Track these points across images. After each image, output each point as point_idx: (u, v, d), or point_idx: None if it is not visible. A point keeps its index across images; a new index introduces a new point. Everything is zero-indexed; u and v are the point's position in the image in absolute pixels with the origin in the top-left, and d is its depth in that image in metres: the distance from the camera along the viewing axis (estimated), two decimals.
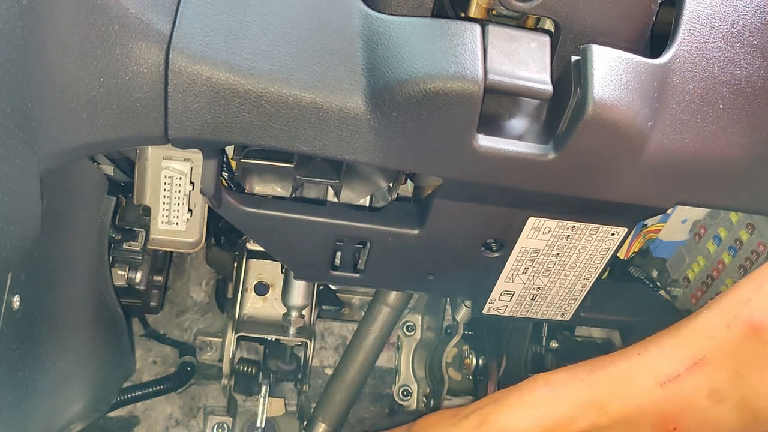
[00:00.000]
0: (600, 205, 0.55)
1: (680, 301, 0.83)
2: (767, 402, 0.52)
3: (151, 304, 0.86)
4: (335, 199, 0.65)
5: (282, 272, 0.84)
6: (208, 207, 0.64)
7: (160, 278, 0.85)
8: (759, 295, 0.54)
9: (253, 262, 0.86)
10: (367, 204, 0.66)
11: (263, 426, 0.88)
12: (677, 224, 0.78)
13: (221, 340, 0.95)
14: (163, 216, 0.63)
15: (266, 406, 0.88)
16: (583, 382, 0.58)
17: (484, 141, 0.48)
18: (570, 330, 0.91)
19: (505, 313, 0.69)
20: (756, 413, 0.53)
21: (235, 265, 0.88)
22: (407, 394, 0.99)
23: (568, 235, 0.60)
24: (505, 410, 0.59)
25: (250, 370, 0.90)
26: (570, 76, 0.47)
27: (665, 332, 0.57)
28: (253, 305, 0.86)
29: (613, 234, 0.60)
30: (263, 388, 0.88)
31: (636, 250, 0.78)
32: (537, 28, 0.51)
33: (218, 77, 0.45)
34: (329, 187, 0.65)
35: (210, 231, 0.69)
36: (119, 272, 0.75)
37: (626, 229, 0.60)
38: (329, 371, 1.05)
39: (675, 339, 0.56)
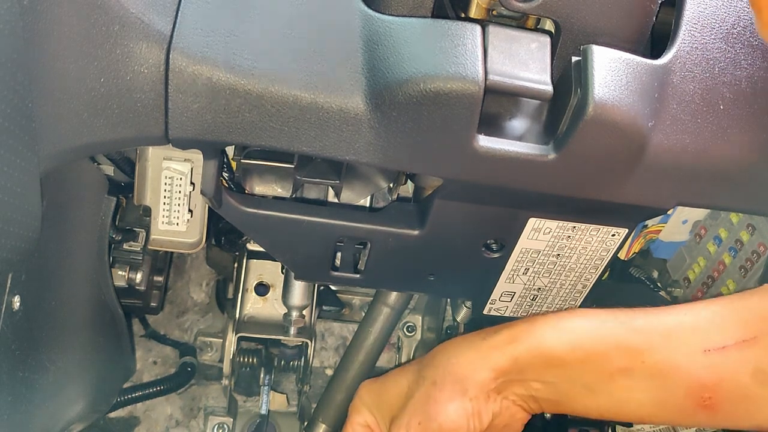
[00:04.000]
0: (600, 205, 0.55)
1: (681, 302, 0.83)
2: None
3: (152, 304, 0.86)
4: (335, 200, 0.65)
5: (282, 272, 0.84)
6: (209, 207, 0.64)
7: (160, 279, 0.85)
8: None
9: (254, 262, 0.86)
10: (368, 204, 0.66)
11: (266, 413, 0.87)
12: (678, 225, 0.78)
13: (222, 340, 0.95)
14: (163, 216, 0.63)
15: (269, 396, 0.88)
16: (623, 325, 0.56)
17: (485, 141, 0.48)
18: None
19: (506, 314, 0.69)
20: None
21: (236, 265, 0.88)
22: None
23: (569, 236, 0.60)
24: (539, 330, 0.57)
25: (251, 360, 0.90)
26: (570, 77, 0.47)
27: (717, 301, 0.56)
28: (253, 306, 0.86)
29: (613, 235, 0.60)
30: (264, 384, 0.88)
31: (636, 251, 0.78)
32: (537, 29, 0.51)
33: (219, 77, 0.45)
34: (329, 187, 0.65)
35: (210, 231, 0.69)
36: (119, 272, 0.75)
37: (627, 230, 0.60)
38: (330, 372, 1.04)
39: (727, 311, 0.55)
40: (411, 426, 0.59)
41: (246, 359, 0.90)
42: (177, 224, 0.63)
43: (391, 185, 0.63)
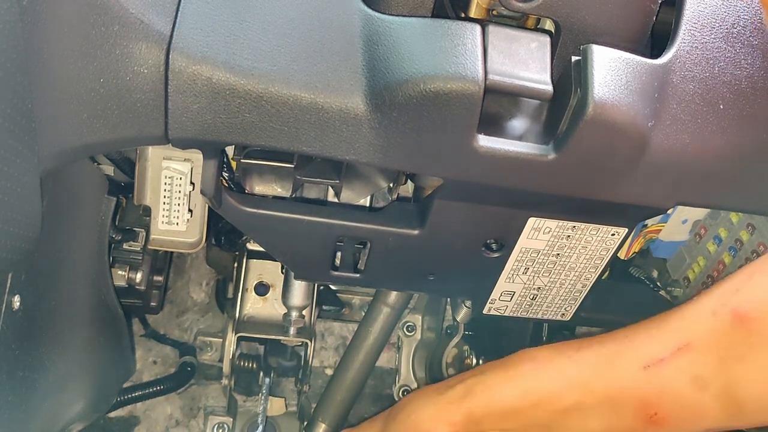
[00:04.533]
0: (600, 205, 0.55)
1: (680, 302, 0.83)
2: (749, 392, 0.52)
3: (152, 304, 0.86)
4: (335, 200, 0.65)
5: (282, 272, 0.84)
6: (209, 207, 0.64)
7: (160, 278, 0.85)
8: (748, 285, 0.54)
9: (254, 262, 0.86)
10: (368, 204, 0.66)
11: (263, 422, 0.87)
12: (677, 224, 0.78)
13: (221, 340, 0.95)
14: (163, 216, 0.63)
15: (267, 402, 0.88)
16: (569, 359, 0.58)
17: (485, 141, 0.48)
18: (570, 330, 0.90)
19: (506, 313, 0.69)
20: (739, 403, 0.52)
21: (236, 265, 0.88)
22: (408, 394, 0.99)
23: (569, 236, 0.60)
24: (490, 383, 0.60)
25: (250, 365, 0.90)
26: (570, 77, 0.47)
27: (654, 318, 0.57)
28: (253, 305, 0.86)
29: (613, 234, 0.60)
30: (264, 384, 0.88)
31: (636, 251, 0.78)
32: (537, 29, 0.51)
33: (218, 77, 0.45)
34: (329, 187, 0.65)
35: (210, 231, 0.69)
36: (119, 272, 0.75)
37: (626, 230, 0.60)
38: (329, 371, 1.04)
39: (662, 324, 0.56)
40: None
41: (246, 364, 0.90)
42: (177, 224, 0.63)
43: (391, 185, 0.63)
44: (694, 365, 0.53)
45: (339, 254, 0.63)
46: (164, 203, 0.62)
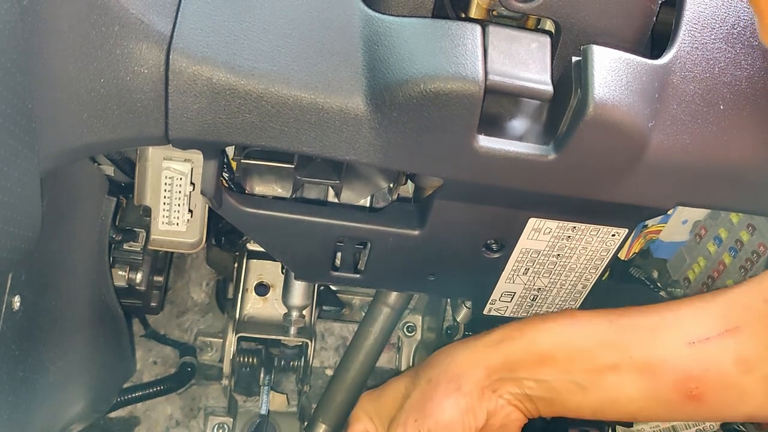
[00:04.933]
0: (600, 205, 0.55)
1: None
2: None
3: (152, 304, 0.86)
4: (336, 200, 0.65)
5: (282, 272, 0.84)
6: (209, 207, 0.64)
7: (160, 279, 0.85)
8: None
9: (254, 262, 0.86)
10: (368, 204, 0.66)
11: (264, 422, 0.87)
12: (678, 225, 0.78)
13: (222, 340, 0.95)
14: (163, 216, 0.63)
15: (268, 403, 0.88)
16: (611, 323, 0.58)
17: (485, 142, 0.48)
18: None
19: (506, 314, 0.69)
20: None
21: (236, 265, 0.87)
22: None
23: (569, 236, 0.60)
24: (529, 330, 0.59)
25: (251, 360, 0.90)
26: (570, 77, 0.47)
27: (699, 297, 0.57)
28: (253, 306, 0.86)
29: (613, 235, 0.60)
30: (264, 384, 0.88)
31: (636, 251, 0.78)
32: (537, 29, 0.51)
33: (219, 78, 0.45)
34: (330, 187, 0.65)
35: (210, 231, 0.69)
36: (119, 273, 0.75)
37: (627, 230, 0.60)
38: (330, 372, 1.04)
39: (710, 304, 0.56)
40: (408, 424, 0.60)
41: (246, 359, 0.90)
42: (177, 224, 0.63)
43: (391, 185, 0.63)
44: (740, 348, 0.53)
45: (339, 254, 0.63)
46: (164, 203, 0.62)
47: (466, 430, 0.59)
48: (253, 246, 0.84)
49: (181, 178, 0.61)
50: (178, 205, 0.62)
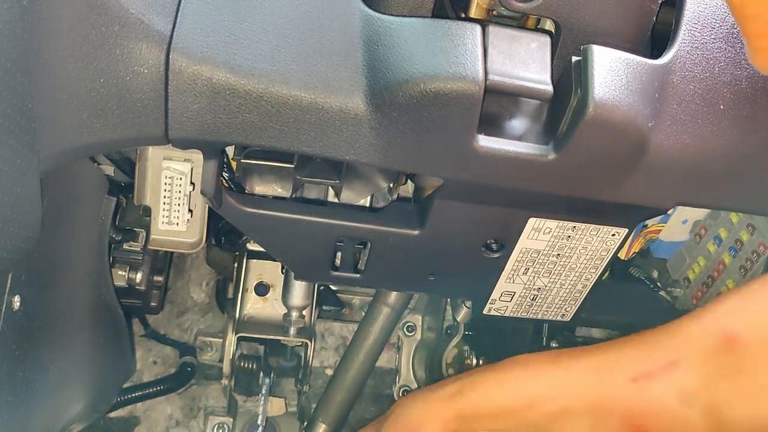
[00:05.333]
0: (600, 205, 0.55)
1: (681, 302, 0.83)
2: (736, 413, 0.53)
3: (152, 304, 0.86)
4: (335, 200, 0.65)
5: (282, 272, 0.84)
6: (209, 207, 0.64)
7: (160, 278, 0.85)
8: (740, 307, 0.55)
9: (254, 262, 0.86)
10: (368, 204, 0.66)
11: (263, 423, 0.88)
12: (678, 225, 0.78)
13: (221, 340, 0.95)
14: (163, 216, 0.63)
15: (267, 404, 0.88)
16: (559, 366, 0.59)
17: (485, 141, 0.48)
18: (570, 330, 0.90)
19: (506, 314, 0.69)
20: (724, 422, 0.53)
21: (236, 265, 0.88)
22: (408, 394, 0.99)
23: (569, 236, 0.60)
24: (481, 383, 0.61)
25: (250, 365, 0.90)
26: (570, 77, 0.47)
27: (645, 332, 0.58)
28: (253, 306, 0.86)
29: (613, 234, 0.60)
30: (264, 385, 0.88)
31: (636, 251, 0.78)
32: (537, 29, 0.51)
33: (219, 78, 0.45)
34: (329, 187, 0.65)
35: (210, 231, 0.69)
36: (119, 272, 0.75)
37: (627, 230, 0.60)
38: (329, 372, 1.04)
39: (653, 339, 0.57)
40: None
41: (246, 360, 0.90)
42: (177, 224, 0.63)
43: (391, 185, 0.63)
44: (681, 381, 0.54)
45: (339, 254, 0.63)
46: (164, 203, 0.62)
47: None
48: (253, 246, 0.84)
49: (181, 178, 0.61)
50: (178, 205, 0.62)
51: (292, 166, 0.58)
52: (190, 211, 0.63)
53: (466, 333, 0.92)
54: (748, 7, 0.30)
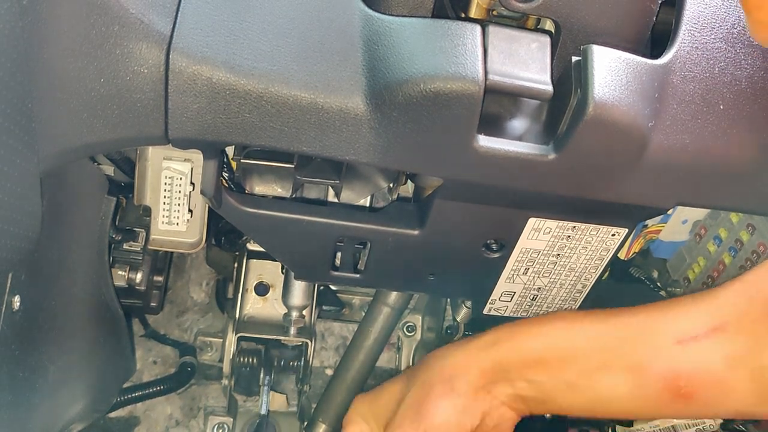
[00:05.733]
0: (600, 205, 0.55)
1: None
2: None
3: (152, 304, 0.86)
4: (335, 200, 0.65)
5: (282, 272, 0.84)
6: (209, 207, 0.64)
7: (160, 278, 0.85)
8: None
9: (254, 262, 0.86)
10: (368, 204, 0.66)
11: (264, 422, 0.88)
12: (678, 225, 0.78)
13: (221, 340, 0.95)
14: (163, 216, 0.63)
15: (268, 403, 0.88)
16: (601, 324, 0.59)
17: (485, 141, 0.48)
18: None
19: (506, 314, 0.69)
20: None
21: (236, 265, 0.87)
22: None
23: (569, 236, 0.60)
24: (520, 334, 0.60)
25: (251, 360, 0.90)
26: (570, 77, 0.47)
27: (687, 296, 0.58)
28: (253, 305, 0.86)
29: (613, 234, 0.60)
30: (264, 384, 0.88)
31: (636, 251, 0.78)
32: (537, 29, 0.51)
33: (218, 78, 0.45)
34: (329, 187, 0.65)
35: (210, 231, 0.69)
36: (119, 273, 0.75)
37: (627, 230, 0.60)
38: (330, 372, 1.04)
39: (697, 303, 0.57)
40: (404, 426, 0.60)
41: (246, 359, 0.90)
42: (177, 224, 0.63)
43: (391, 185, 0.63)
44: (727, 345, 0.54)
45: (339, 254, 0.63)
46: (164, 203, 0.62)
47: (461, 431, 0.60)
48: (253, 246, 0.84)
49: (181, 178, 0.61)
50: (178, 204, 0.62)
51: (292, 166, 0.58)
52: (190, 211, 0.63)
53: (466, 333, 0.92)
54: None
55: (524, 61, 0.47)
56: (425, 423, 0.59)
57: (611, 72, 0.46)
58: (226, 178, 0.62)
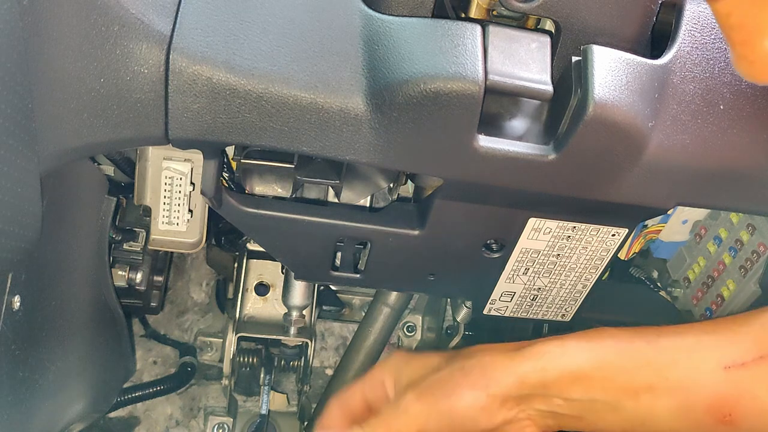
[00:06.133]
0: (600, 205, 0.55)
1: (681, 302, 0.83)
2: None
3: (152, 304, 0.86)
4: (336, 200, 0.65)
5: (282, 272, 0.84)
6: (209, 207, 0.64)
7: (160, 279, 0.85)
8: None
9: (254, 262, 0.86)
10: (368, 204, 0.66)
11: (264, 421, 0.88)
12: (678, 225, 0.78)
13: (222, 340, 0.95)
14: (163, 216, 0.63)
15: (268, 402, 0.88)
16: (649, 344, 0.58)
17: (485, 141, 0.48)
18: (570, 331, 0.90)
19: (506, 314, 0.69)
20: None
21: (236, 265, 0.88)
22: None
23: (569, 236, 0.60)
24: (569, 349, 0.59)
25: (251, 359, 0.90)
26: (570, 77, 0.47)
27: (735, 318, 0.58)
28: (253, 305, 0.86)
29: (613, 235, 0.60)
30: (264, 384, 0.88)
31: (636, 251, 0.78)
32: (537, 29, 0.51)
33: (219, 78, 0.45)
34: (329, 187, 0.65)
35: (210, 231, 0.69)
36: (119, 273, 0.75)
37: (627, 230, 0.60)
38: (330, 372, 1.04)
39: (746, 328, 0.56)
40: (424, 395, 0.60)
41: (246, 359, 0.90)
42: (177, 224, 0.63)
43: (391, 185, 0.63)
44: None
45: (339, 254, 0.63)
46: (164, 203, 0.62)
47: (475, 426, 0.59)
48: (253, 246, 0.84)
49: (181, 178, 0.61)
50: (178, 205, 0.62)
51: (292, 166, 0.58)
52: (190, 211, 0.63)
53: (466, 333, 0.92)
54: (733, 17, 0.30)
55: (524, 61, 0.47)
56: (445, 402, 0.59)
57: (611, 72, 0.46)
58: (226, 178, 0.62)
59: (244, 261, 0.86)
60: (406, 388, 0.61)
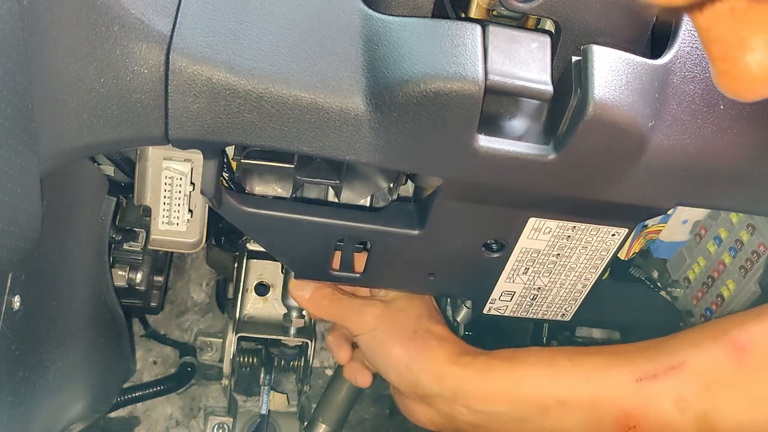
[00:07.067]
0: (601, 205, 0.55)
1: (681, 302, 0.83)
2: (726, 423, 0.54)
3: (152, 304, 0.86)
4: (335, 200, 0.65)
5: (282, 272, 0.84)
6: (209, 207, 0.64)
7: (160, 279, 0.85)
8: (754, 322, 0.56)
9: (254, 262, 0.86)
10: (368, 204, 0.66)
11: (264, 421, 0.88)
12: (678, 225, 0.78)
13: (222, 340, 0.95)
14: (163, 216, 0.63)
15: (268, 402, 0.88)
16: (570, 361, 0.60)
17: (485, 141, 0.48)
18: (570, 330, 0.90)
19: (506, 314, 0.69)
20: (713, 431, 0.54)
21: (236, 265, 0.88)
22: None
23: (569, 236, 0.60)
24: (480, 364, 0.62)
25: (251, 359, 0.90)
26: (570, 77, 0.47)
27: (660, 338, 0.59)
28: (253, 305, 0.86)
29: (613, 234, 0.60)
30: (264, 384, 0.88)
31: (636, 251, 0.78)
32: (537, 29, 0.51)
33: (218, 78, 0.45)
34: (329, 187, 0.65)
35: (210, 231, 0.69)
36: (119, 273, 0.75)
37: (627, 230, 0.60)
38: (330, 372, 1.04)
39: (664, 342, 0.58)
40: (382, 320, 0.65)
41: (246, 359, 0.90)
42: (177, 224, 0.63)
43: (391, 185, 0.63)
44: (681, 386, 0.55)
45: (339, 254, 0.63)
46: (164, 203, 0.62)
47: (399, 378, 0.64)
48: (253, 246, 0.84)
49: (181, 178, 0.61)
50: (178, 205, 0.62)
51: (292, 166, 0.58)
52: (190, 211, 0.63)
53: (466, 333, 0.92)
54: (714, 31, 0.30)
55: (524, 61, 0.47)
56: (384, 347, 0.66)
57: (611, 72, 0.46)
58: (226, 178, 0.62)
59: (244, 261, 0.86)
60: (373, 303, 0.66)
